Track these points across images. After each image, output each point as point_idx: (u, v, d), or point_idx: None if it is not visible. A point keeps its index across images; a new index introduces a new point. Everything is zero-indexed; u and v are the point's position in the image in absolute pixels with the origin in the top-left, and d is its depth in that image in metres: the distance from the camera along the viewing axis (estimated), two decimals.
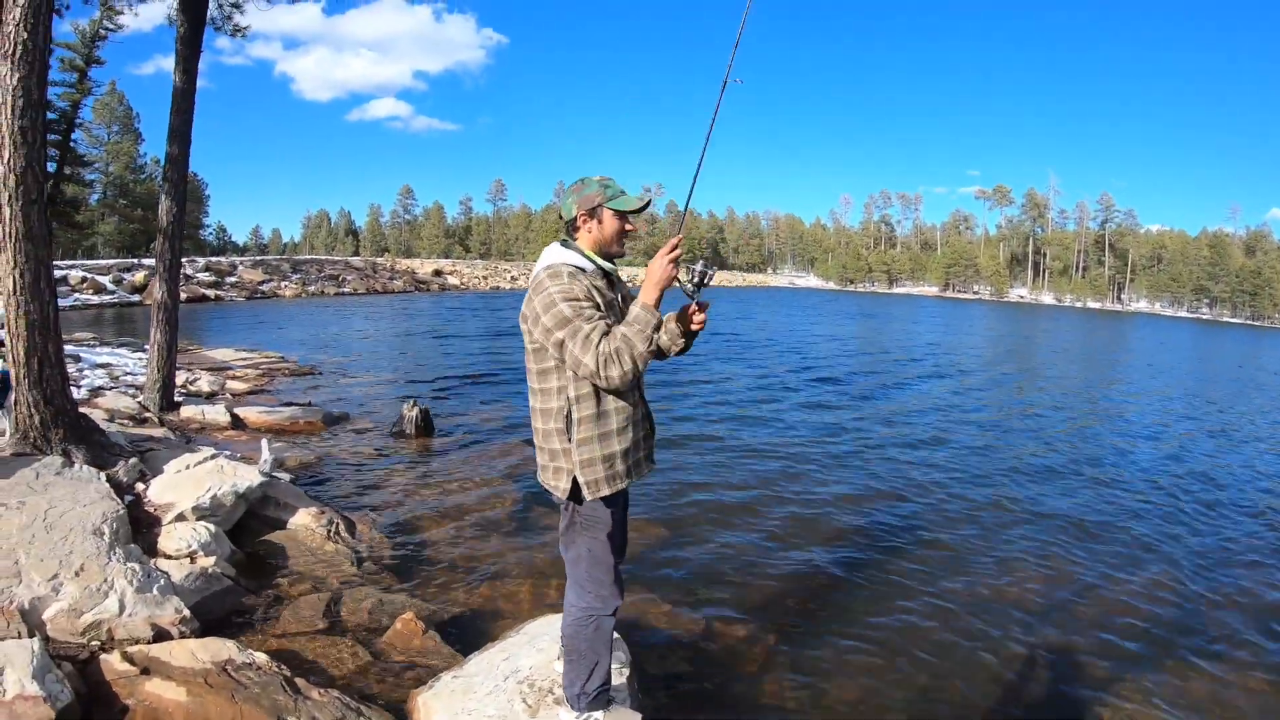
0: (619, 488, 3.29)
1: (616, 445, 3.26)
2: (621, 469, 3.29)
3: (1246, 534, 8.43)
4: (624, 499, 3.49)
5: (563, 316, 3.04)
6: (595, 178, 3.33)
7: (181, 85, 11.00)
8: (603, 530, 3.34)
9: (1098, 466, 11.04)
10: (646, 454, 3.50)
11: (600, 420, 3.23)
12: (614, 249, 3.37)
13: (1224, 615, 6.33)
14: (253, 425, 10.61)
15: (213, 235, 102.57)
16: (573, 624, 3.45)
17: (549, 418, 3.28)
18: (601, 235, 3.32)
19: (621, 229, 3.35)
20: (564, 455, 3.26)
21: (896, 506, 8.63)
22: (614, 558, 3.41)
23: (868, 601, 6.07)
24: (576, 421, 3.21)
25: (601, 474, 3.23)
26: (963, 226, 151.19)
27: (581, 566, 3.41)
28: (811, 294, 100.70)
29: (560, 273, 3.14)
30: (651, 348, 3.06)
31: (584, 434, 3.21)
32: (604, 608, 3.40)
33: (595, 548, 3.37)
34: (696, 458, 10.25)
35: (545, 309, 3.08)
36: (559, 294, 3.07)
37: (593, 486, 3.24)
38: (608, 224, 3.31)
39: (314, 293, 51.29)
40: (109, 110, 65.10)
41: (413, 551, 6.47)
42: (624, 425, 3.29)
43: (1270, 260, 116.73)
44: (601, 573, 3.38)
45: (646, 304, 3.08)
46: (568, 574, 3.50)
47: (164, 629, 4.31)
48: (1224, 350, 44.14)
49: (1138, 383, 23.06)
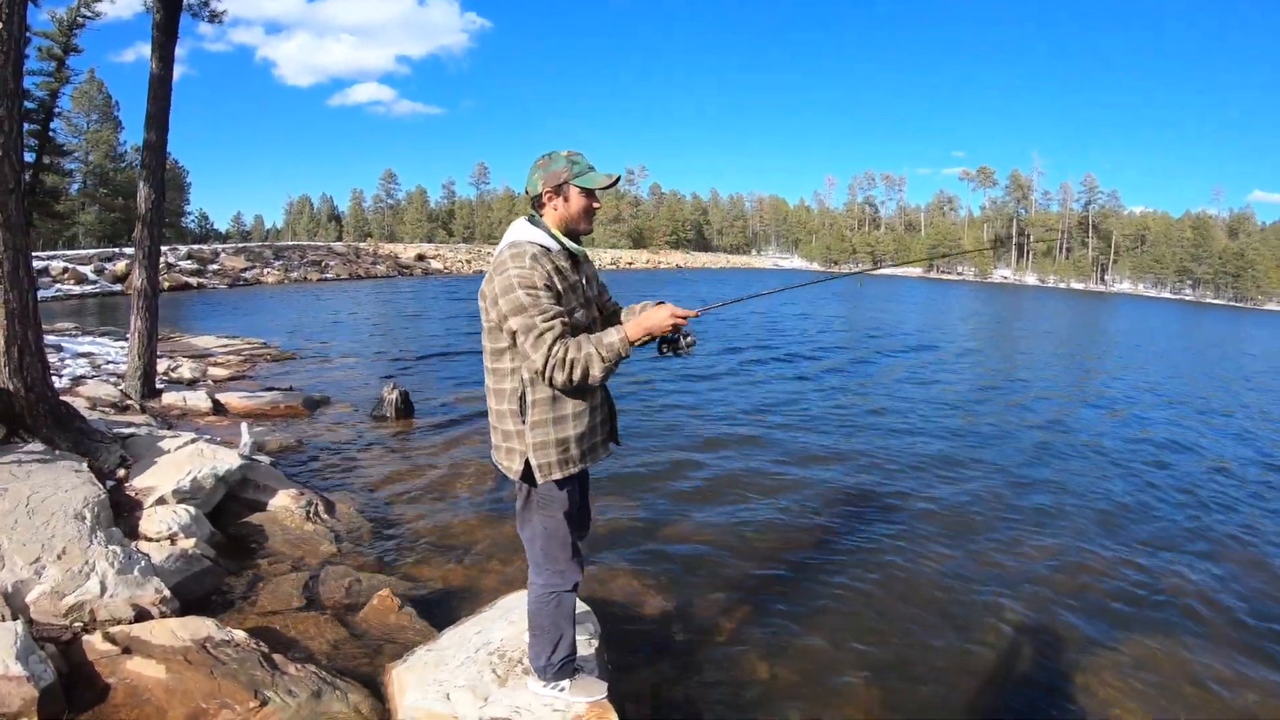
0: (571, 472, 3.28)
1: (571, 430, 3.24)
2: (576, 453, 3.27)
3: (1213, 508, 8.64)
4: (581, 478, 3.50)
5: (519, 304, 3.01)
6: (563, 152, 3.24)
7: (158, 72, 10.97)
8: (558, 509, 3.34)
9: (1073, 445, 11.26)
10: (604, 438, 3.49)
11: (555, 404, 3.21)
12: (581, 227, 3.31)
13: (1196, 589, 6.52)
14: (234, 410, 10.67)
15: (195, 223, 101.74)
16: (535, 600, 3.49)
17: (502, 398, 3.27)
18: (568, 213, 3.26)
19: (589, 206, 3.28)
20: (517, 437, 3.24)
21: (872, 484, 8.80)
22: (571, 534, 3.42)
23: (839, 577, 6.21)
24: (531, 404, 3.19)
25: (554, 457, 3.21)
26: (947, 208, 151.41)
27: (538, 544, 3.41)
28: (795, 275, 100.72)
29: (523, 253, 3.09)
30: (606, 376, 3.10)
31: (538, 416, 3.19)
32: (563, 583, 3.43)
33: (550, 525, 3.36)
34: (673, 437, 10.38)
35: (504, 292, 3.05)
36: (518, 279, 3.03)
37: (545, 469, 3.22)
38: (574, 201, 3.24)
39: (297, 279, 51.00)
40: (88, 99, 64.34)
41: (391, 531, 6.59)
42: (580, 410, 3.26)
43: (1253, 242, 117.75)
44: (557, 549, 3.39)
45: (626, 339, 3.08)
46: (526, 552, 3.51)
47: (145, 609, 4.40)
48: (1204, 332, 44.56)
49: (1117, 364, 23.28)
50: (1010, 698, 4.76)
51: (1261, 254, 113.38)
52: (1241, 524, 8.13)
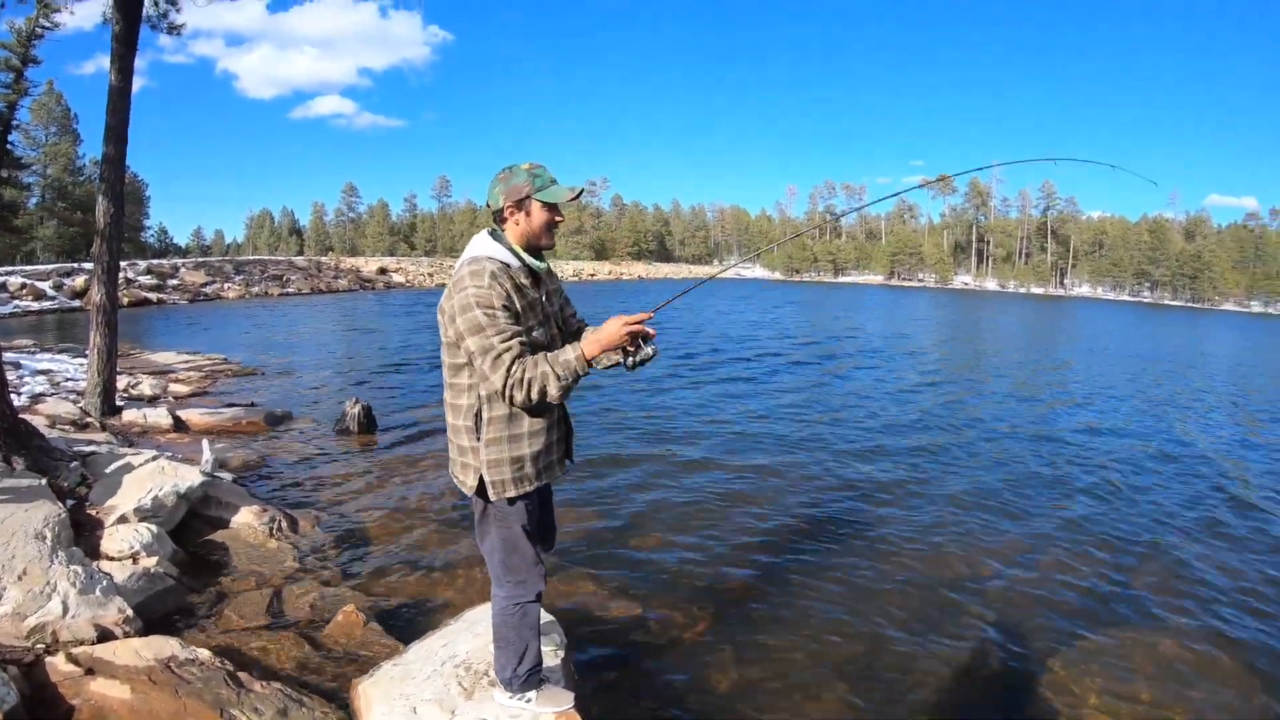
0: (526, 490, 3.28)
1: (526, 448, 3.24)
2: (531, 471, 3.28)
3: (1178, 505, 8.81)
4: (540, 492, 3.48)
5: (476, 324, 3.01)
6: (524, 166, 3.22)
7: (118, 84, 10.86)
8: (515, 522, 3.33)
9: (1032, 447, 11.43)
10: (560, 456, 3.50)
11: (511, 422, 3.21)
12: (543, 241, 3.29)
13: (1160, 586, 6.66)
14: (195, 427, 10.58)
15: (154, 237, 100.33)
16: (499, 613, 3.50)
17: (459, 414, 3.26)
18: (529, 227, 3.24)
19: (550, 220, 3.26)
20: (472, 453, 3.24)
21: (832, 489, 8.91)
22: (531, 545, 3.41)
23: (804, 581, 6.30)
24: (486, 421, 3.19)
25: (509, 475, 3.22)
26: (907, 216, 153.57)
27: (497, 557, 3.41)
28: (757, 285, 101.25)
29: (483, 270, 3.07)
30: (564, 395, 3.09)
31: (493, 434, 3.20)
32: (525, 594, 3.43)
33: (509, 537, 3.36)
34: (635, 447, 10.43)
35: (461, 311, 3.04)
36: (476, 298, 3.02)
37: (499, 487, 3.23)
38: (536, 216, 3.22)
39: (258, 294, 50.49)
40: (46, 111, 63.21)
41: (355, 546, 6.58)
42: (536, 429, 3.27)
43: (1209, 244, 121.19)
44: (517, 560, 3.39)
45: (582, 356, 3.06)
46: (487, 565, 3.50)
47: (107, 629, 4.38)
48: (1159, 333, 45.29)
49: (1075, 366, 23.62)
50: (977, 697, 4.86)
51: (1217, 256, 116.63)
52: (1199, 519, 8.29)
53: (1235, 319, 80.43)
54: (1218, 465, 10.85)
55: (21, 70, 28.40)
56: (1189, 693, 5.00)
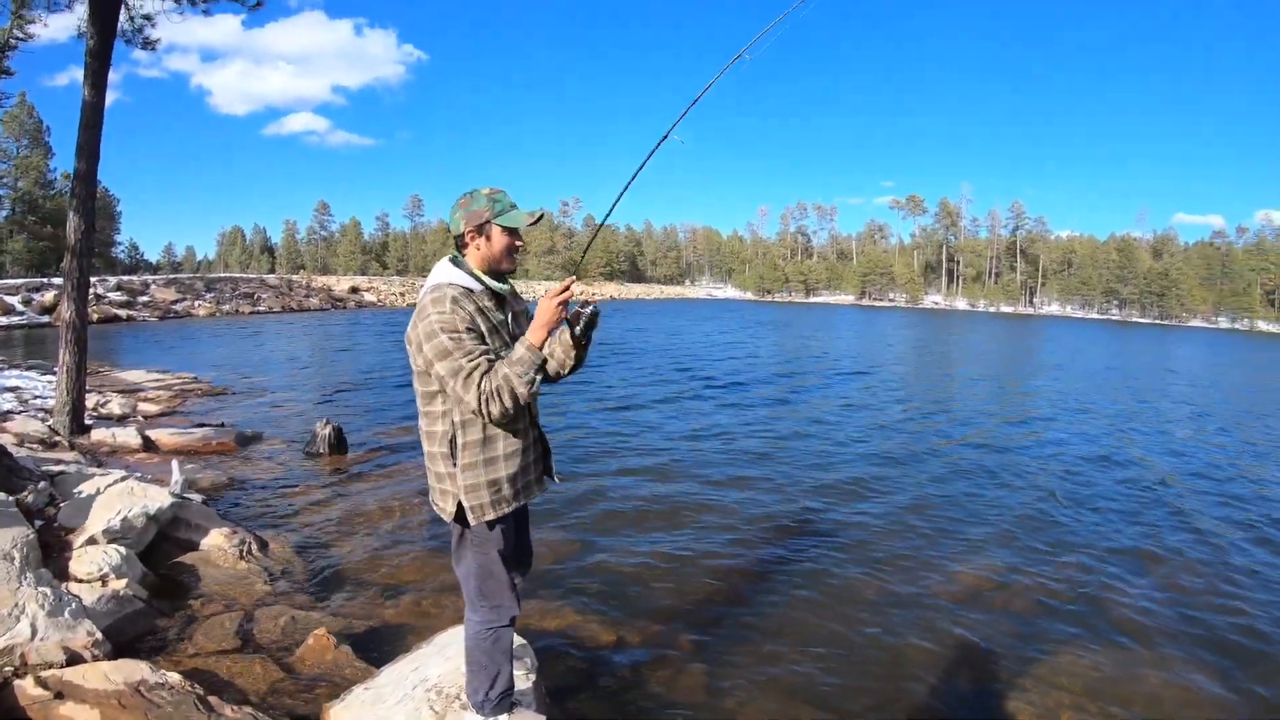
0: (504, 512, 3.32)
1: (503, 470, 3.28)
2: (508, 493, 3.32)
3: (1144, 520, 8.93)
4: (517, 516, 3.53)
5: (443, 349, 3.06)
6: (484, 190, 3.28)
7: (91, 99, 10.83)
8: (492, 547, 3.37)
9: (999, 461, 11.54)
10: (538, 476, 3.54)
11: (486, 445, 3.25)
12: (504, 266, 3.34)
13: (1131, 602, 6.75)
14: (165, 447, 10.50)
15: (125, 253, 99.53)
16: (472, 637, 3.53)
17: (434, 440, 3.31)
18: (490, 252, 3.29)
19: (511, 245, 3.32)
20: (449, 479, 3.28)
21: (801, 507, 9.02)
22: (506, 571, 3.45)
23: (774, 600, 6.38)
24: (461, 446, 3.23)
25: (487, 499, 3.26)
26: (878, 236, 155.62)
27: (472, 582, 3.44)
28: (730, 305, 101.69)
29: (444, 297, 3.11)
30: (533, 389, 3.09)
31: (468, 459, 3.24)
32: (499, 619, 3.46)
33: (485, 563, 3.39)
34: (605, 467, 10.45)
35: (427, 338, 3.08)
36: (439, 324, 3.06)
37: (477, 511, 3.26)
38: (496, 241, 3.28)
39: (228, 312, 50.17)
40: (18, 123, 62.63)
41: (326, 568, 6.57)
42: (512, 451, 3.31)
43: (1176, 262, 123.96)
44: (492, 586, 3.42)
45: (532, 345, 3.10)
46: (462, 589, 3.53)
47: (77, 652, 4.35)
48: (1127, 350, 45.81)
49: (1043, 383, 23.87)
50: (946, 710, 4.92)
51: (1184, 273, 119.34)
52: (1155, 532, 8.40)
53: (1203, 335, 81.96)
54: (1178, 483, 11.01)
55: None
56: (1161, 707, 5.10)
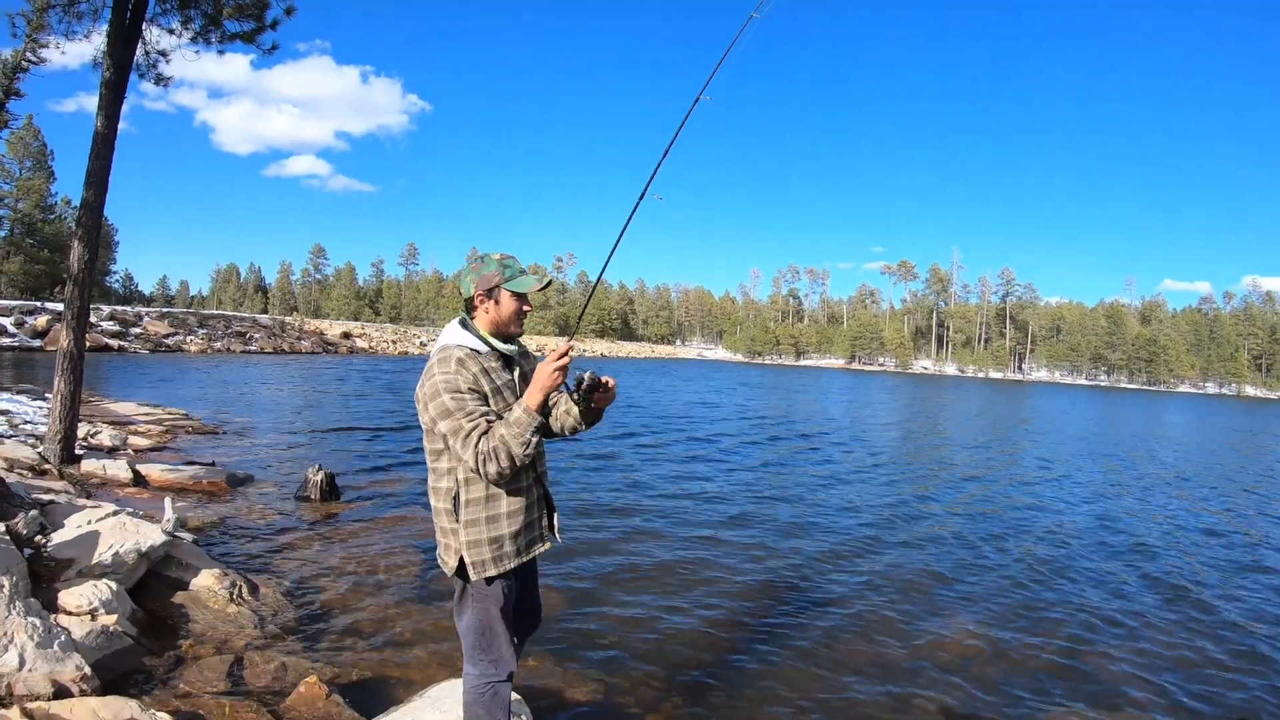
0: (506, 569, 3.37)
1: (505, 528, 3.34)
2: (510, 550, 3.37)
3: (1139, 582, 8.89)
4: (521, 573, 3.57)
5: (445, 409, 3.15)
6: (495, 256, 3.40)
7: (103, 130, 10.93)
8: (492, 604, 3.39)
9: (991, 528, 11.48)
10: (541, 534, 3.59)
11: (489, 503, 3.32)
12: (511, 329, 3.44)
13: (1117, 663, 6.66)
14: (155, 483, 10.41)
15: (119, 283, 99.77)
16: (470, 691, 3.51)
17: (439, 496, 3.37)
18: (499, 315, 3.38)
19: (519, 309, 3.41)
20: (452, 534, 3.34)
21: (794, 570, 8.96)
22: (505, 627, 3.46)
23: (767, 662, 6.30)
24: (464, 503, 3.30)
25: (488, 555, 3.31)
26: (869, 300, 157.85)
27: (471, 636, 3.45)
28: (720, 366, 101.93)
29: (449, 358, 3.23)
30: (529, 450, 3.14)
31: (470, 515, 3.30)
32: (497, 674, 3.45)
33: (485, 618, 3.41)
34: (606, 524, 10.42)
35: (431, 398, 3.19)
36: (443, 384, 3.17)
37: (478, 567, 3.31)
38: (505, 305, 3.37)
39: (220, 349, 50.16)
40: (23, 145, 63.05)
41: (317, 615, 6.49)
42: (515, 509, 3.37)
43: (1164, 328, 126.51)
44: (490, 640, 3.43)
45: (528, 408, 3.16)
46: (462, 643, 3.52)
47: (64, 686, 4.28)
48: (1113, 415, 45.88)
49: (1034, 449, 23.88)
50: None
51: (1173, 339, 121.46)
52: (1141, 599, 8.33)
53: (1190, 401, 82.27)
54: (1167, 551, 10.96)
55: (3, 102, 28.33)
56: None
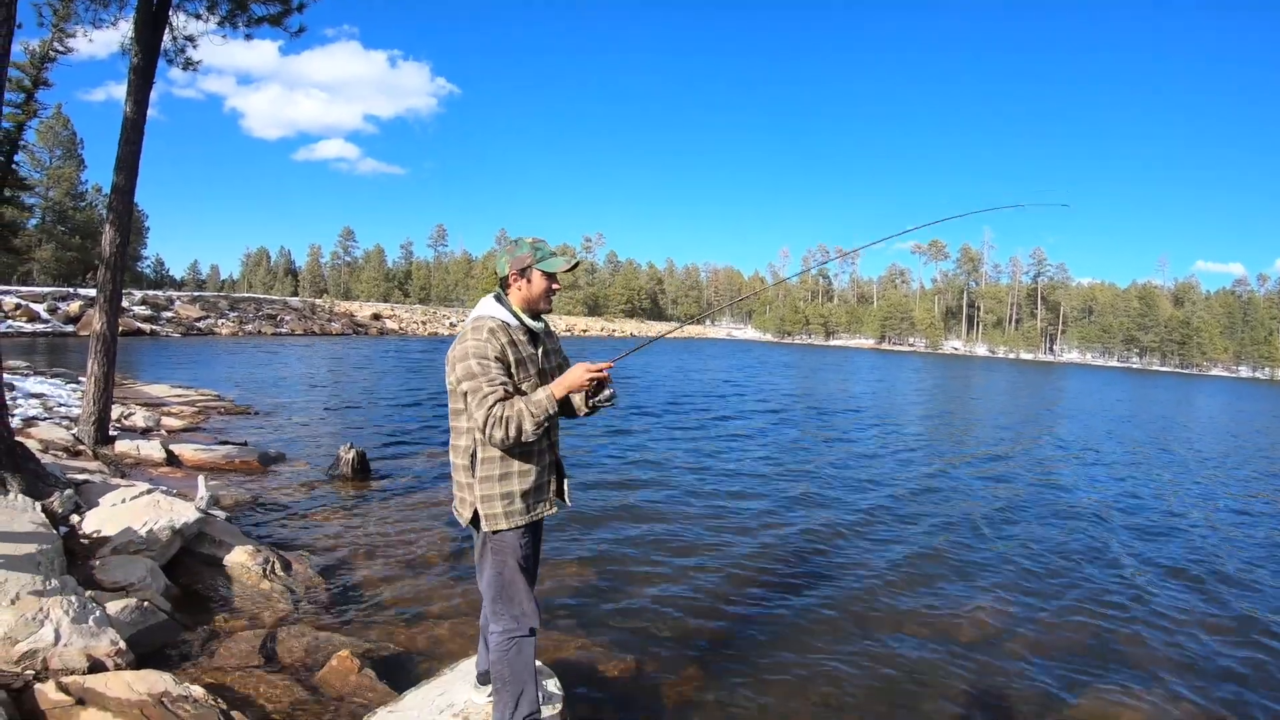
0: (516, 524, 3.58)
1: (516, 485, 3.57)
2: (520, 506, 3.59)
3: (1169, 565, 8.77)
4: (533, 530, 3.74)
5: (471, 371, 3.40)
6: (528, 239, 3.68)
7: (132, 115, 10.96)
8: (509, 555, 3.60)
9: (1021, 507, 11.38)
10: (552, 495, 3.80)
11: (503, 461, 3.55)
12: (541, 306, 3.73)
13: (1145, 649, 6.58)
14: (188, 462, 10.52)
15: (150, 268, 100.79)
16: (495, 649, 3.63)
17: (458, 453, 3.61)
18: (530, 293, 3.67)
19: (549, 288, 3.69)
20: (468, 488, 3.59)
21: (821, 542, 8.96)
22: (523, 580, 3.64)
23: (792, 634, 6.30)
24: (480, 460, 3.54)
25: (500, 509, 3.54)
26: (899, 280, 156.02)
27: (492, 590, 3.64)
28: (750, 346, 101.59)
29: (483, 326, 3.49)
30: (538, 430, 3.39)
31: (485, 472, 3.54)
32: (519, 628, 3.60)
33: (504, 571, 3.61)
34: (628, 499, 10.41)
35: (460, 359, 3.45)
36: (473, 349, 3.43)
37: (490, 520, 3.55)
38: (536, 283, 3.66)
39: (251, 332, 50.61)
40: (53, 134, 63.68)
41: (348, 591, 6.52)
42: (526, 469, 3.59)
43: (1197, 310, 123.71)
44: (511, 593, 3.62)
45: (552, 395, 3.42)
46: (483, 601, 3.73)
47: (99, 660, 4.32)
48: (1147, 397, 45.38)
49: (1065, 435, 23.65)
50: None
51: (1206, 321, 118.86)
52: (1185, 576, 8.25)
53: (1224, 384, 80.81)
54: (1198, 533, 10.82)
55: (32, 92, 28.54)
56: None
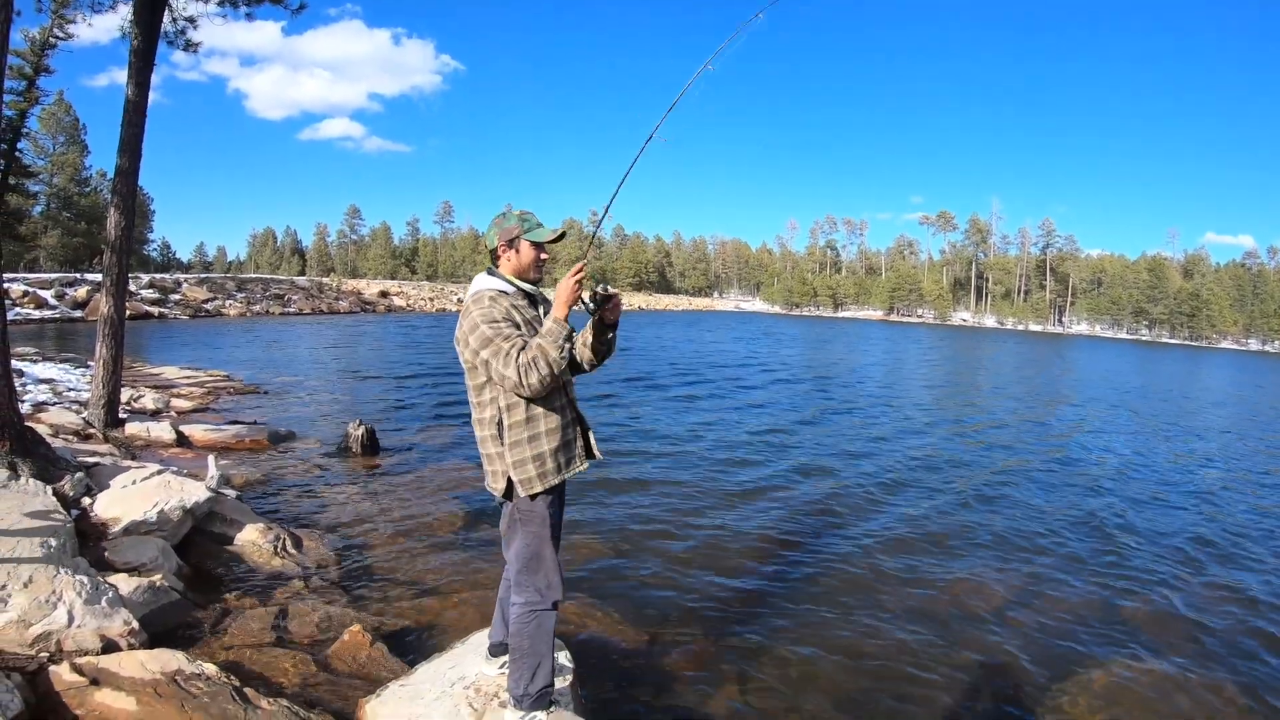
0: (551, 484, 3.58)
1: (545, 445, 3.56)
2: (552, 466, 3.58)
3: (1172, 542, 8.76)
4: (559, 495, 3.73)
5: (485, 337, 3.41)
6: (516, 211, 3.72)
7: (134, 98, 10.92)
8: (539, 524, 3.61)
9: (1031, 479, 11.38)
10: (580, 451, 3.81)
11: (529, 424, 3.55)
12: (531, 275, 3.74)
13: (1152, 622, 6.61)
14: (198, 443, 10.56)
15: (157, 251, 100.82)
16: (516, 620, 3.63)
17: (484, 426, 3.61)
18: (519, 263, 3.69)
19: (537, 258, 3.72)
20: (498, 459, 3.58)
21: (834, 514, 9.02)
22: (554, 550, 3.66)
23: (810, 611, 6.30)
24: (507, 427, 3.53)
25: (533, 472, 3.53)
26: (907, 251, 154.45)
27: (520, 561, 3.64)
28: (758, 318, 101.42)
29: (483, 298, 3.53)
30: (564, 354, 3.39)
31: (514, 438, 3.53)
32: (542, 601, 3.61)
33: (533, 542, 3.61)
34: (641, 472, 10.45)
35: (471, 331, 3.46)
36: (481, 318, 3.45)
37: (526, 484, 3.53)
38: (525, 253, 3.68)
39: (259, 312, 50.68)
40: (56, 120, 63.33)
41: (359, 566, 6.56)
42: (552, 427, 3.59)
43: (1207, 283, 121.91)
44: (538, 565, 3.63)
45: (557, 318, 3.43)
46: (510, 572, 3.74)
47: (113, 640, 4.35)
48: (1160, 370, 45.21)
49: (1078, 408, 23.59)
50: None
51: (1215, 294, 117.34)
52: (1195, 552, 8.25)
53: (1233, 357, 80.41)
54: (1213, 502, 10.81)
55: (34, 79, 28.51)
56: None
